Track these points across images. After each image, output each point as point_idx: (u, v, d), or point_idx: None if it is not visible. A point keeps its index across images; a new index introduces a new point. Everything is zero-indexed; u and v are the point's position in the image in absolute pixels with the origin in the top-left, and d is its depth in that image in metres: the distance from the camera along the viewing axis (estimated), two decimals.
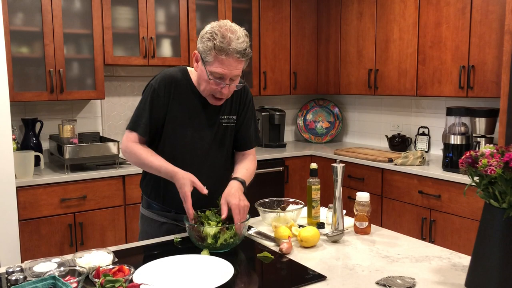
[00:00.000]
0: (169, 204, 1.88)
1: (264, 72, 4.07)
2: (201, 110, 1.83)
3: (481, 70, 3.03)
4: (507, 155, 1.22)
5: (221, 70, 1.67)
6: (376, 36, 3.75)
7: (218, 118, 1.87)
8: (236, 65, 1.68)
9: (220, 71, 1.67)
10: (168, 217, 1.89)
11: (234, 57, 1.65)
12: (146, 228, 1.94)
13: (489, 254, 1.27)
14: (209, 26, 1.70)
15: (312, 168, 1.91)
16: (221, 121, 1.88)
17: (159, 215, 1.90)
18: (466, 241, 2.88)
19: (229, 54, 1.64)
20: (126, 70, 3.77)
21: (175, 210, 1.86)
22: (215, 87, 1.72)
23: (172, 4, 3.60)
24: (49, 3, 3.07)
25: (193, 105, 1.82)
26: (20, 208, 2.84)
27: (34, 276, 1.33)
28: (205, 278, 1.38)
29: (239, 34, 1.66)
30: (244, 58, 1.69)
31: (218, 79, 1.70)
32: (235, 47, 1.64)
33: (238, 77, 1.74)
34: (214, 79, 1.70)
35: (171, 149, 1.82)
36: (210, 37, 1.66)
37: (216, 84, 1.71)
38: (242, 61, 1.69)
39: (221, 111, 1.87)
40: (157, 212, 1.90)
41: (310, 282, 1.38)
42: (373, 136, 4.30)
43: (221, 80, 1.70)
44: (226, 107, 1.88)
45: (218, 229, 1.59)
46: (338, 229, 1.76)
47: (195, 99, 1.82)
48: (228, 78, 1.70)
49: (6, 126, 2.65)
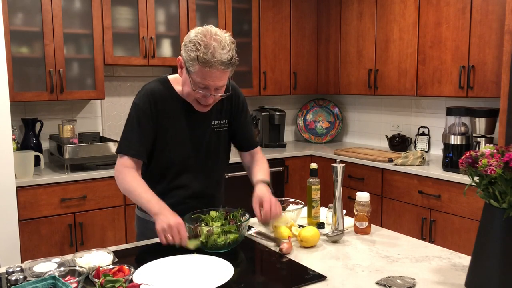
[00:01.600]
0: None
1: (264, 72, 4.07)
2: (191, 118, 1.79)
3: (481, 70, 3.03)
4: (507, 155, 1.22)
5: (206, 82, 1.61)
6: (376, 36, 3.75)
7: (209, 124, 1.83)
8: (221, 76, 1.62)
9: (204, 82, 1.62)
10: None
11: (219, 68, 1.58)
12: (142, 229, 1.93)
13: (489, 254, 1.27)
14: (193, 33, 1.62)
15: (312, 168, 1.91)
16: (213, 127, 1.85)
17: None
18: (466, 241, 2.88)
19: (213, 66, 1.57)
20: (126, 70, 3.77)
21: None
22: (200, 96, 1.67)
23: (172, 4, 3.60)
24: (49, 3, 3.07)
25: (181, 115, 1.78)
26: (20, 208, 2.84)
27: (34, 276, 1.33)
28: (205, 278, 1.38)
29: (224, 43, 1.58)
30: (229, 69, 1.62)
31: (203, 90, 1.64)
32: (219, 59, 1.56)
33: (223, 86, 1.68)
34: (198, 89, 1.64)
35: (166, 162, 1.79)
36: (193, 47, 1.58)
37: (201, 94, 1.66)
38: (227, 72, 1.63)
39: (212, 117, 1.84)
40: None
41: (310, 282, 1.38)
42: (373, 136, 4.30)
43: (206, 91, 1.65)
44: (216, 112, 1.85)
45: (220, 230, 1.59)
46: (338, 229, 1.76)
47: (182, 109, 1.77)
48: (213, 88, 1.64)
49: (6, 126, 2.65)
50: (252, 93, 4.04)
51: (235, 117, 1.90)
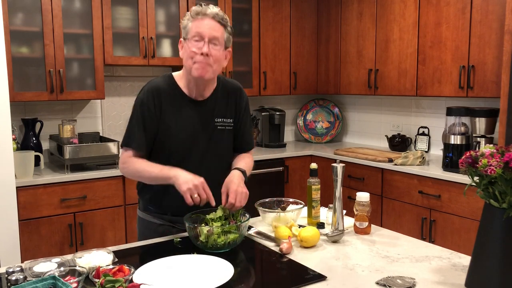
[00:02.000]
0: (165, 208, 1.87)
1: (264, 72, 4.07)
2: (193, 115, 1.82)
3: (481, 70, 3.03)
4: (507, 155, 1.22)
5: (198, 29, 1.69)
6: (376, 36, 3.75)
7: (212, 121, 1.85)
8: (213, 26, 1.70)
9: (197, 30, 1.69)
10: (165, 219, 1.88)
11: (210, 17, 1.69)
12: (143, 230, 1.93)
13: (489, 254, 1.27)
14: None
15: (312, 168, 1.91)
16: (216, 124, 1.86)
17: (154, 217, 1.89)
18: (466, 241, 2.88)
19: (206, 15, 1.69)
20: (126, 70, 3.77)
21: (171, 212, 1.87)
22: (195, 50, 1.69)
23: (172, 4, 3.60)
24: (49, 3, 3.07)
25: (184, 111, 1.81)
26: (20, 208, 2.84)
27: (34, 276, 1.33)
28: (205, 278, 1.38)
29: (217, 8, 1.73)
30: (222, 22, 1.71)
31: (197, 41, 1.70)
32: (211, 10, 1.70)
33: (217, 42, 1.71)
34: (193, 41, 1.70)
35: (167, 158, 1.80)
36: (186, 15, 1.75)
37: (195, 46, 1.69)
38: (219, 25, 1.71)
39: (215, 114, 1.85)
40: (153, 214, 1.90)
41: (310, 282, 1.38)
42: (373, 136, 4.30)
43: (200, 42, 1.69)
44: (220, 110, 1.86)
45: (220, 230, 1.59)
46: (338, 229, 1.76)
47: (185, 105, 1.81)
48: (206, 37, 1.69)
49: (6, 126, 2.65)
50: (252, 93, 4.04)
51: (238, 117, 1.92)
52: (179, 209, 1.75)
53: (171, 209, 1.85)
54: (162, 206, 1.87)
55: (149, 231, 1.88)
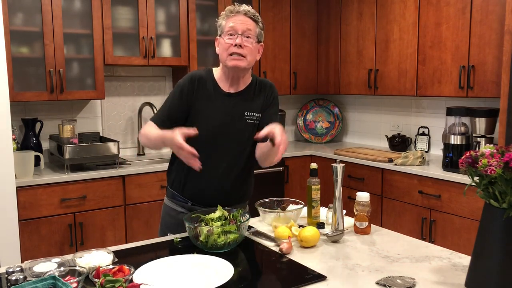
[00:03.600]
0: (187, 195, 1.94)
1: (264, 72, 4.07)
2: (225, 106, 1.89)
3: (481, 70, 3.03)
4: (507, 155, 1.22)
5: (232, 24, 1.81)
6: (376, 36, 3.75)
7: (242, 114, 1.91)
8: (246, 21, 1.83)
9: (231, 25, 1.81)
10: (185, 207, 1.94)
11: (242, 14, 1.83)
12: (164, 215, 2.03)
13: (489, 254, 1.27)
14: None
15: (312, 168, 1.91)
16: (245, 118, 1.91)
17: (177, 205, 1.97)
18: (466, 241, 2.88)
19: (239, 12, 1.83)
20: (126, 70, 3.77)
21: (191, 201, 1.93)
22: (230, 42, 1.81)
23: (172, 4, 3.60)
24: (49, 3, 3.07)
25: (216, 101, 1.89)
26: (20, 208, 2.84)
27: (34, 276, 1.33)
28: (205, 278, 1.38)
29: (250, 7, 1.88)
30: (253, 18, 1.85)
31: (231, 36, 1.82)
32: (243, 8, 1.85)
33: (250, 35, 1.83)
34: (227, 36, 1.82)
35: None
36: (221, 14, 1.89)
37: (230, 39, 1.81)
38: (251, 20, 1.84)
39: (247, 108, 1.91)
40: (176, 202, 1.98)
41: (310, 282, 1.38)
42: (373, 136, 4.29)
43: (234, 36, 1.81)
44: (251, 104, 1.92)
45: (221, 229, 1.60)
46: (338, 229, 1.76)
47: (218, 96, 1.90)
48: (240, 30, 1.81)
49: (6, 126, 2.65)
50: None
51: (265, 110, 1.96)
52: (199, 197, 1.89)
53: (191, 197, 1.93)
54: (184, 192, 1.95)
55: (169, 217, 1.98)
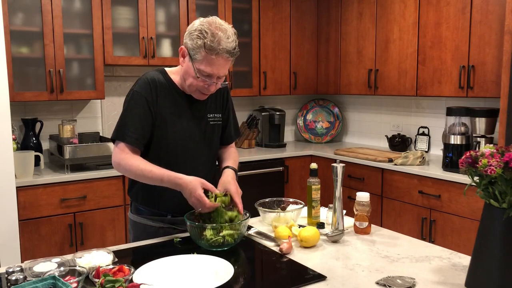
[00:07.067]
0: (165, 208, 1.83)
1: (264, 72, 4.07)
2: (188, 109, 1.82)
3: (481, 70, 3.03)
4: (507, 155, 1.22)
5: (210, 70, 1.67)
6: (376, 36, 3.75)
7: (205, 116, 1.87)
8: (225, 65, 1.68)
9: (209, 70, 1.67)
10: (165, 221, 1.84)
11: (224, 56, 1.64)
12: (138, 234, 1.86)
13: (489, 254, 1.27)
14: (198, 22, 1.67)
15: (312, 168, 1.91)
16: (209, 119, 1.88)
17: (153, 220, 1.83)
18: (466, 241, 2.88)
19: (219, 54, 1.63)
20: (126, 70, 3.77)
21: (171, 213, 1.83)
22: (202, 84, 1.71)
23: (172, 4, 3.60)
24: (49, 3, 3.07)
25: (179, 105, 1.80)
26: (20, 208, 2.84)
27: (34, 276, 1.33)
28: (205, 278, 1.38)
29: (228, 33, 1.65)
30: (232, 57, 1.69)
31: (206, 77, 1.69)
32: (225, 47, 1.63)
33: (224, 75, 1.74)
34: (202, 77, 1.68)
35: (164, 151, 1.78)
36: (199, 35, 1.63)
37: (203, 81, 1.70)
38: (229, 60, 1.69)
39: (207, 110, 1.87)
40: (150, 217, 1.83)
41: (310, 282, 1.38)
42: (373, 136, 4.30)
43: (209, 78, 1.69)
44: (211, 105, 1.88)
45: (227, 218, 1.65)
46: (338, 229, 1.76)
47: (180, 99, 1.80)
48: (216, 76, 1.70)
49: (6, 126, 2.65)
50: (252, 93, 4.04)
51: (224, 111, 1.95)
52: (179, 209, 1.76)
53: (171, 209, 1.82)
54: (161, 207, 1.82)
55: (147, 235, 1.81)
